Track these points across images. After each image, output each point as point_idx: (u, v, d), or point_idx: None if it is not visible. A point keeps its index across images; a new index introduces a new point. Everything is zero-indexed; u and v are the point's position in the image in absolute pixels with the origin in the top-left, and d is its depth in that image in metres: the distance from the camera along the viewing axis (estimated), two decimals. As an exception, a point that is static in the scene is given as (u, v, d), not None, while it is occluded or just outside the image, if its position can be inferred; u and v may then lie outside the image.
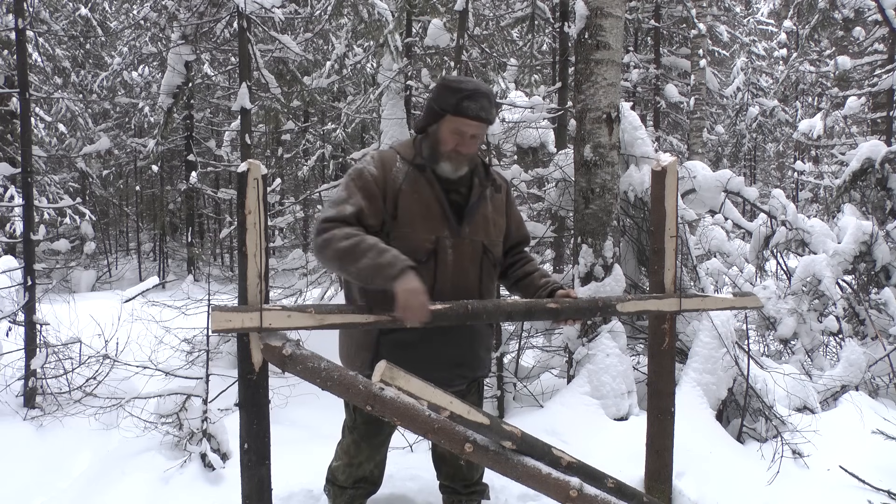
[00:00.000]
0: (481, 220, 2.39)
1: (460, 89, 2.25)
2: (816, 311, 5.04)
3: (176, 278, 13.84)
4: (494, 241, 2.45)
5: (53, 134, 13.74)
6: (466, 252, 2.34)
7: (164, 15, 10.93)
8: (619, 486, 2.23)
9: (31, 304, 4.45)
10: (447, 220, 2.31)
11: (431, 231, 2.29)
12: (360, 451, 2.49)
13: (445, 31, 6.44)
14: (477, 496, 2.69)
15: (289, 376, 2.26)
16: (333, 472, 2.57)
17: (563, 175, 4.77)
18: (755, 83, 21.06)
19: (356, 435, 2.47)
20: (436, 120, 2.30)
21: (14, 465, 3.63)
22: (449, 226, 2.31)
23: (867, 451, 3.47)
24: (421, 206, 2.29)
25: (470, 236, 2.35)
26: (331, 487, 2.59)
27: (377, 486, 2.61)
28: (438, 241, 2.29)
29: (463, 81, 2.29)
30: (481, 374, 2.56)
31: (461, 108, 2.24)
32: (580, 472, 2.16)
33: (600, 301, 2.61)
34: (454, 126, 2.26)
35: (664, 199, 2.75)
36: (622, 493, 2.25)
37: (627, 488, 2.27)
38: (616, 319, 3.99)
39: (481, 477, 2.70)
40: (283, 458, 2.72)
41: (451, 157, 2.30)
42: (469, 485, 2.66)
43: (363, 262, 2.07)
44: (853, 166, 5.82)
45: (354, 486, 2.53)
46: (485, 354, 2.54)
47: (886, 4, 7.84)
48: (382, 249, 2.09)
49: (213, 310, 1.94)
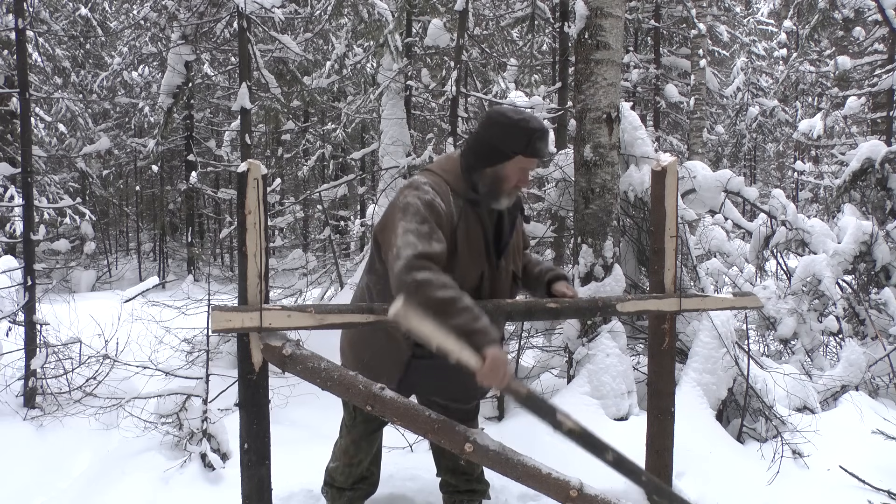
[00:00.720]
0: (513, 249, 2.45)
1: (531, 129, 2.21)
2: (816, 311, 5.04)
3: (176, 278, 13.84)
4: (519, 265, 2.52)
5: (53, 134, 13.74)
6: (501, 282, 2.40)
7: (164, 15, 10.94)
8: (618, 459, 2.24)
9: (31, 304, 4.45)
10: (489, 256, 2.34)
11: (478, 267, 2.31)
12: (360, 450, 2.49)
13: (445, 31, 6.45)
14: (478, 496, 2.68)
15: (289, 376, 2.26)
16: (331, 474, 2.57)
17: (563, 175, 4.77)
18: (755, 83, 21.05)
19: (355, 434, 2.47)
20: (501, 160, 2.25)
21: (14, 465, 3.63)
22: (489, 260, 2.34)
23: (867, 451, 3.47)
24: (470, 242, 2.29)
25: (504, 267, 2.40)
26: (329, 489, 2.57)
27: (375, 487, 2.61)
28: (482, 275, 2.32)
29: (528, 120, 2.25)
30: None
31: (534, 150, 2.23)
32: (581, 438, 2.16)
33: (600, 301, 2.61)
34: (522, 165, 2.26)
35: (664, 199, 2.75)
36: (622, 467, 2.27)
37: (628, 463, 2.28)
38: (616, 319, 3.98)
39: (482, 472, 2.69)
40: (283, 458, 2.72)
41: (511, 194, 2.31)
42: (470, 479, 2.65)
43: (458, 321, 2.02)
44: (853, 166, 5.82)
45: (353, 487, 2.53)
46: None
47: (886, 4, 7.84)
48: (478, 315, 2.06)
49: (213, 310, 1.94)
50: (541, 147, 2.23)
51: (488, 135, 2.26)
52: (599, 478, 2.85)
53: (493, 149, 2.25)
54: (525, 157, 2.23)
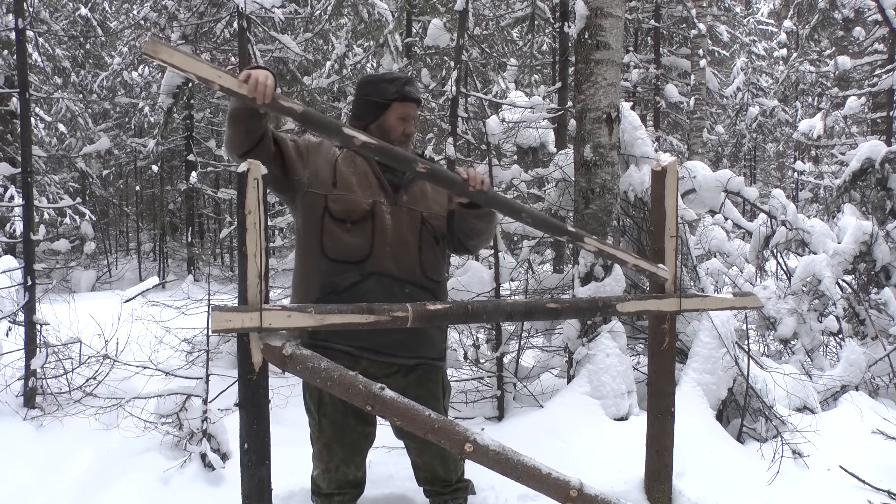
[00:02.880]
0: (419, 192, 2.51)
1: (396, 78, 2.46)
2: (816, 311, 5.04)
3: (176, 278, 13.83)
4: (434, 213, 2.52)
5: (53, 134, 13.75)
6: (405, 220, 2.44)
7: (164, 15, 10.93)
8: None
9: (31, 304, 4.45)
10: (384, 189, 2.44)
11: (369, 196, 2.41)
12: (333, 454, 2.45)
13: (445, 31, 6.45)
14: (461, 493, 2.65)
15: (289, 376, 2.26)
16: (315, 481, 2.54)
17: (563, 175, 4.77)
18: (755, 83, 21.05)
19: (325, 439, 2.45)
20: (381, 112, 2.45)
21: (14, 465, 3.63)
22: (386, 194, 2.44)
23: (867, 451, 3.47)
24: (357, 175, 2.43)
25: (407, 205, 2.46)
26: (316, 498, 2.54)
27: (361, 489, 2.55)
28: (375, 205, 2.40)
29: (393, 73, 2.51)
30: (432, 355, 2.51)
31: (405, 93, 2.44)
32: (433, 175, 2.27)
33: (600, 301, 2.61)
34: (400, 112, 2.45)
35: (664, 199, 2.75)
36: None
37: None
38: (616, 319, 3.98)
39: (461, 476, 2.65)
40: (283, 458, 2.72)
41: (401, 143, 2.45)
42: (449, 484, 2.62)
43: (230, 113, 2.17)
44: (853, 166, 5.82)
45: (340, 491, 2.49)
46: (435, 334, 2.52)
47: (886, 4, 7.84)
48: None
49: (213, 310, 1.94)
50: (411, 90, 2.45)
51: (363, 94, 2.49)
52: (599, 478, 2.86)
53: (370, 104, 2.46)
54: (400, 103, 2.43)
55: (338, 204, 2.37)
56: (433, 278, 2.48)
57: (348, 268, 2.35)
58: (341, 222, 2.37)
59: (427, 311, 2.17)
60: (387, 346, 2.39)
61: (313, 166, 2.41)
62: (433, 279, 2.48)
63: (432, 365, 2.53)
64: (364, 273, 2.34)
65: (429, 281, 2.46)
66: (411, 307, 2.15)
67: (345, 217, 2.37)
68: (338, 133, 2.14)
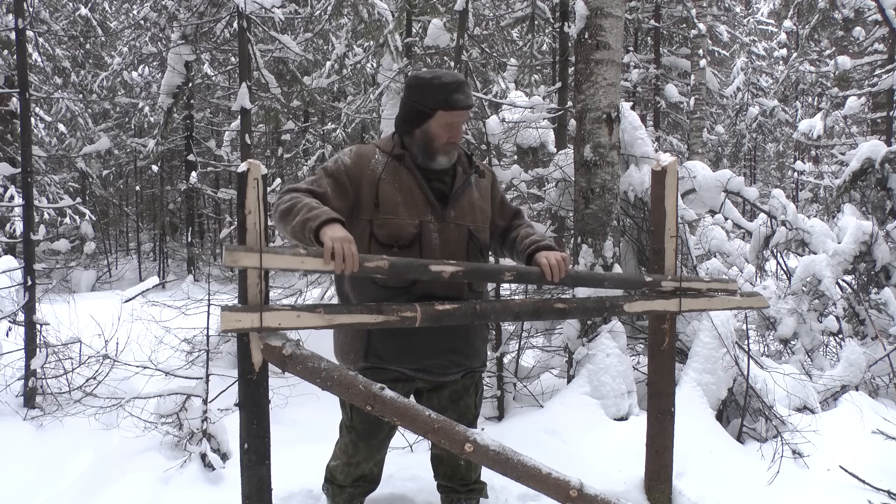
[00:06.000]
0: (467, 205, 2.44)
1: (445, 84, 2.30)
2: (816, 311, 5.04)
3: (176, 278, 13.82)
4: (480, 226, 2.48)
5: (53, 134, 13.74)
6: (452, 237, 2.38)
7: (164, 15, 10.94)
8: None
9: (31, 304, 4.45)
10: (431, 206, 2.36)
11: (415, 216, 2.33)
12: (357, 450, 2.48)
13: (445, 31, 6.45)
14: (476, 494, 2.68)
15: (289, 376, 2.26)
16: (332, 472, 2.57)
17: (563, 175, 4.77)
18: (755, 83, 21.05)
19: (354, 435, 2.47)
20: (425, 119, 2.33)
21: (14, 465, 3.63)
22: (433, 211, 2.36)
23: (867, 451, 3.47)
24: (403, 192, 2.34)
25: (455, 221, 2.39)
26: (329, 486, 2.58)
27: (376, 484, 2.61)
28: (423, 226, 2.33)
29: (441, 75, 2.35)
30: (477, 365, 2.54)
31: (452, 102, 2.29)
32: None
33: (608, 301, 2.60)
34: (446, 120, 2.32)
35: (664, 199, 2.75)
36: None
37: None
38: (616, 319, 3.99)
39: (479, 476, 2.70)
40: (283, 458, 2.72)
41: (445, 151, 2.36)
42: (466, 483, 2.66)
43: (296, 220, 2.10)
44: (853, 166, 5.82)
45: (353, 484, 2.52)
46: (480, 345, 2.54)
47: (886, 4, 7.84)
48: (314, 206, 2.12)
49: (221, 310, 1.94)
50: (459, 98, 2.29)
51: (409, 99, 2.36)
52: (599, 478, 2.86)
53: (415, 111, 2.34)
54: (446, 112, 2.29)
55: (383, 229, 2.30)
56: (477, 290, 2.48)
57: (397, 293, 2.29)
58: (388, 248, 2.30)
59: (436, 311, 2.17)
60: (440, 367, 2.41)
61: (356, 191, 2.33)
62: (477, 291, 2.48)
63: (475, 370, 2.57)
64: (413, 297, 2.28)
65: (474, 294, 2.45)
66: (420, 307, 2.15)
67: (391, 242, 2.30)
68: (425, 272, 2.13)
